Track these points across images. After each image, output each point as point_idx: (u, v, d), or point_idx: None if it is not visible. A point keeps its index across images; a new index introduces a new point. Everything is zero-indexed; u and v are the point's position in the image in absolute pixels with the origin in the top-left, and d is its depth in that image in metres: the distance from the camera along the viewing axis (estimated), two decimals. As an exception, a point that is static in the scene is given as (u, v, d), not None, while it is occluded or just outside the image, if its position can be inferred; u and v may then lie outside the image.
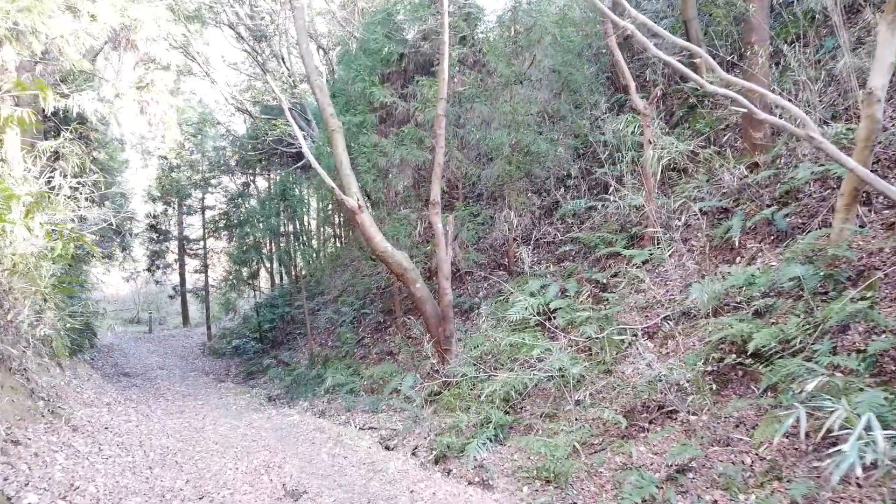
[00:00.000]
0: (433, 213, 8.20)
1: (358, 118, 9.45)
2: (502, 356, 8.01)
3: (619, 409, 6.05)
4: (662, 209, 8.18)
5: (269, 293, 20.97)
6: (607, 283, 8.29)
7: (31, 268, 5.77)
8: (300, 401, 10.93)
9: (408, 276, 8.54)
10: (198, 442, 7.07)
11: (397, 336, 11.21)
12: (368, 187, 9.17)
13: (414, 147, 8.86)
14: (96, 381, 10.24)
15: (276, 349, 16.76)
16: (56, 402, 5.57)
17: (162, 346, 21.53)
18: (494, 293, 10.21)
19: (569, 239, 9.66)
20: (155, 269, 25.35)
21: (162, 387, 13.10)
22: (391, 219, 9.42)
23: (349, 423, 8.75)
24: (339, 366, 11.57)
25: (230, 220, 20.31)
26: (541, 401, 7.00)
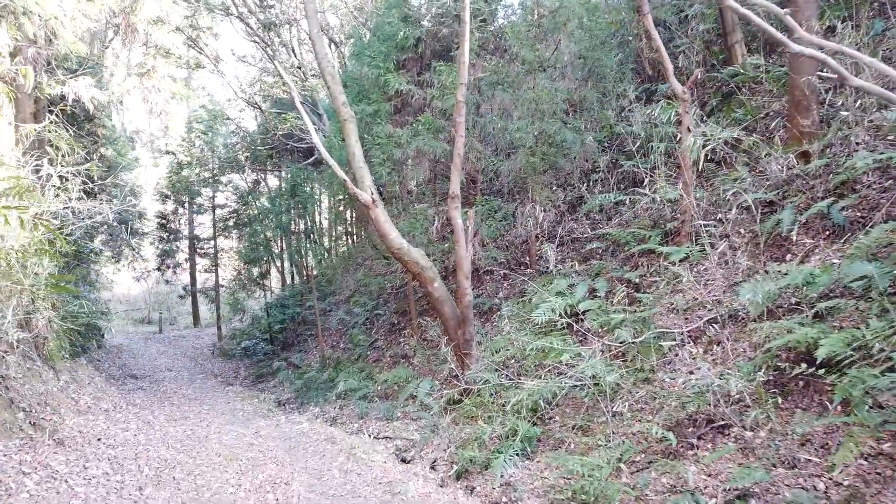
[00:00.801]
0: (452, 207, 7.64)
1: (372, 107, 8.90)
2: (527, 361, 7.43)
3: (662, 422, 5.44)
4: (701, 202, 7.55)
5: (280, 293, 20.50)
6: (640, 282, 7.69)
7: (14, 264, 5.28)
8: (311, 406, 10.40)
9: (425, 275, 7.98)
10: (200, 453, 6.55)
11: (412, 339, 10.65)
12: (383, 181, 8.62)
13: (431, 137, 8.29)
14: (98, 385, 9.76)
15: (287, 351, 16.27)
16: (41, 413, 5.06)
17: (171, 347, 21.13)
18: (516, 293, 9.63)
19: (596, 236, 9.05)
20: (165, 269, 24.94)
21: (168, 390, 12.63)
22: (407, 214, 8.86)
23: (362, 432, 8.21)
24: (352, 369, 11.04)
25: (240, 218, 19.87)
26: (571, 411, 6.41)
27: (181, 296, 26.89)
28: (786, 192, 6.97)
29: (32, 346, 6.42)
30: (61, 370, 8.34)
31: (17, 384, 4.98)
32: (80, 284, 15.08)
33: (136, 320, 30.47)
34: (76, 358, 10.81)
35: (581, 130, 8.62)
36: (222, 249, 23.58)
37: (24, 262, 5.37)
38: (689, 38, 10.37)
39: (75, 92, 7.07)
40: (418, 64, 9.48)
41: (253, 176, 21.71)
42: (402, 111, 9.40)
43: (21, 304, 5.74)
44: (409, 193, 9.13)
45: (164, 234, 24.96)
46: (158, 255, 25.09)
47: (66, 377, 7.82)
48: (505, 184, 9.37)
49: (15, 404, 4.63)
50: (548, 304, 7.61)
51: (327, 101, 17.02)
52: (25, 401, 4.92)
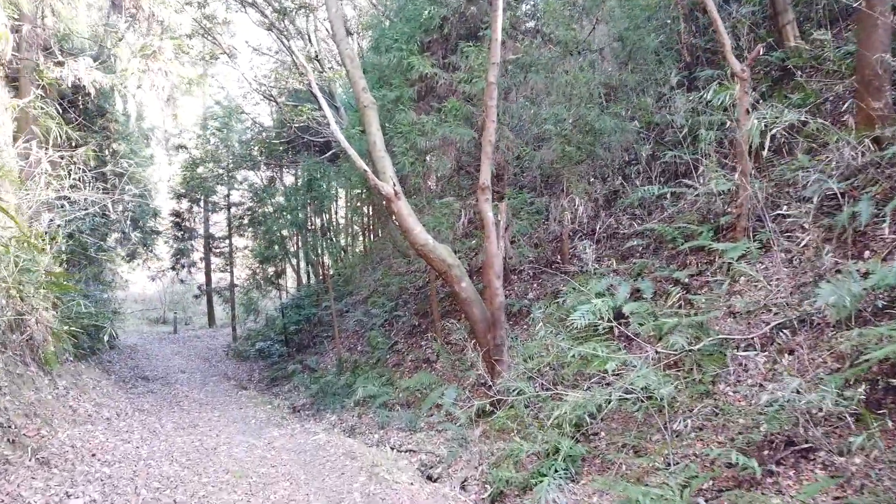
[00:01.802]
0: (482, 199, 6.97)
1: (393, 93, 8.27)
2: (566, 370, 6.75)
3: (731, 443, 4.74)
4: (760, 194, 6.82)
5: (296, 293, 19.96)
6: (690, 282, 6.97)
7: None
8: (327, 413, 9.79)
9: (451, 274, 7.32)
10: (207, 469, 5.95)
11: (435, 342, 10.00)
12: (405, 172, 7.99)
13: (458, 124, 7.63)
14: (104, 389, 9.23)
15: (302, 353, 15.70)
16: (24, 428, 4.48)
17: (186, 348, 20.70)
18: (548, 294, 8.94)
19: (637, 232, 8.34)
20: (180, 268, 24.57)
21: (180, 393, 12.10)
22: (431, 208, 8.21)
23: (383, 444, 7.58)
24: (371, 374, 10.41)
25: (255, 215, 19.35)
26: (620, 427, 5.72)
27: (196, 295, 26.51)
28: (859, 181, 6.22)
29: (26, 350, 5.88)
30: (62, 374, 7.79)
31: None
32: (90, 283, 14.64)
33: (151, 320, 30.18)
34: (83, 360, 10.29)
35: (621, 117, 7.90)
36: (237, 248, 23.11)
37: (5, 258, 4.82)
38: (732, 20, 9.61)
39: (75, 75, 6.53)
40: (444, 46, 8.82)
41: (268, 173, 21.21)
42: (427, 97, 8.76)
43: (10, 304, 5.19)
44: (437, 180, 8.48)
45: (179, 233, 24.59)
46: (173, 254, 24.73)
47: (66, 382, 7.27)
48: (536, 175, 8.68)
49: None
50: (588, 306, 6.91)
51: (345, 96, 16.43)
52: (4, 414, 4.33)
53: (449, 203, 8.10)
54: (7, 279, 4.78)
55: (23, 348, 5.78)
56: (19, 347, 5.67)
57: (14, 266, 4.99)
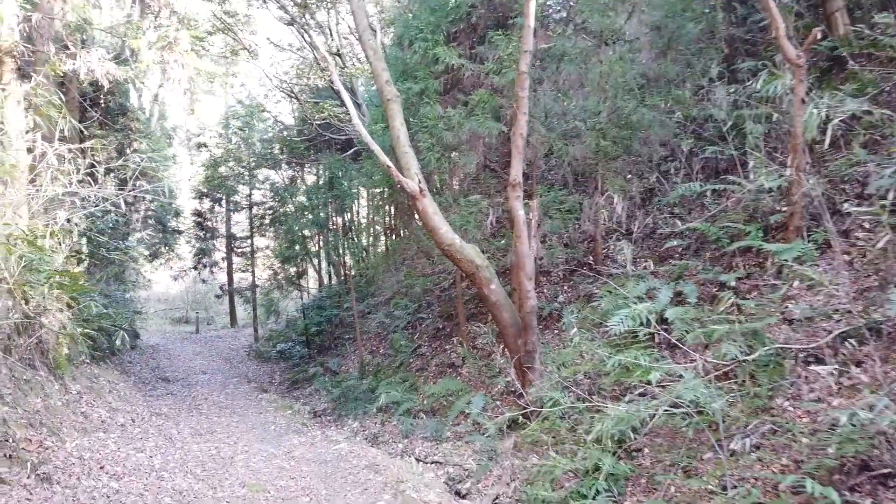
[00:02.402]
0: (513, 196, 6.56)
1: (418, 86, 7.89)
2: (604, 379, 6.30)
3: (794, 465, 4.27)
4: (816, 190, 6.30)
5: (317, 294, 19.70)
6: (737, 286, 6.48)
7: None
8: (349, 419, 9.44)
9: (480, 276, 6.92)
10: (223, 481, 5.62)
11: (461, 346, 9.59)
12: (431, 168, 7.60)
13: (486, 117, 7.23)
14: (120, 393, 8.99)
15: (323, 355, 15.40)
16: (22, 441, 4.16)
17: (207, 348, 20.59)
18: (580, 297, 8.49)
19: (676, 231, 7.86)
20: (201, 268, 24.48)
21: (199, 396, 11.86)
22: (457, 206, 7.81)
23: (408, 454, 7.20)
24: (393, 379, 10.05)
25: (276, 215, 19.15)
26: (666, 444, 5.28)
27: (218, 295, 26.44)
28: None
29: (35, 354, 5.62)
30: (78, 378, 7.55)
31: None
32: (111, 283, 14.51)
33: (174, 320, 30.22)
34: (101, 362, 10.08)
35: (660, 110, 7.43)
36: (259, 248, 22.96)
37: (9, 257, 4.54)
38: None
39: (88, 67, 6.26)
40: (471, 36, 8.43)
41: (289, 172, 21.01)
42: (453, 90, 8.37)
43: (16, 306, 4.92)
44: (464, 177, 8.09)
45: (201, 233, 24.53)
46: (195, 253, 24.68)
47: (80, 386, 7.01)
48: (568, 172, 8.23)
49: (-14, 434, 3.77)
50: (626, 310, 6.45)
51: (367, 94, 16.10)
52: (2, 427, 4.03)
53: (476, 201, 7.70)
54: (8, 279, 4.50)
55: (31, 352, 5.52)
56: (27, 351, 5.41)
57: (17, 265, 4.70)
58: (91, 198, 6.00)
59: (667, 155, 8.95)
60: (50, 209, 6.41)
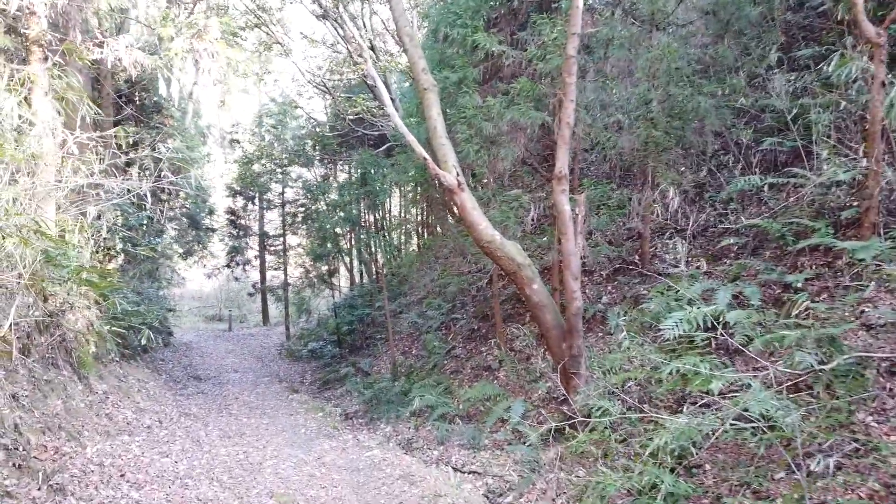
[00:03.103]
0: (559, 190, 6.12)
1: (456, 75, 7.50)
2: (658, 388, 5.82)
3: (887, 491, 3.76)
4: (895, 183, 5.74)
5: (349, 293, 19.46)
6: (805, 288, 5.94)
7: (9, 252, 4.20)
8: (381, 423, 9.10)
9: (522, 275, 6.50)
10: (249, 490, 5.32)
11: (498, 348, 9.18)
12: (469, 161, 7.20)
13: (529, 107, 6.80)
14: (150, 392, 8.80)
15: (355, 355, 15.13)
16: (34, 449, 3.89)
17: (240, 346, 20.55)
18: (626, 299, 8.00)
19: (732, 228, 7.33)
20: (234, 266, 24.52)
21: (230, 395, 11.68)
22: (497, 201, 7.39)
23: (443, 463, 6.82)
24: (427, 381, 9.67)
25: (308, 212, 18.97)
26: (731, 461, 4.79)
27: (251, 293, 26.49)
28: None
29: (58, 353, 5.41)
30: (106, 377, 7.36)
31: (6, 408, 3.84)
32: (144, 280, 14.46)
33: (207, 317, 30.42)
34: (131, 360, 9.94)
35: (718, 97, 6.89)
36: (291, 246, 22.87)
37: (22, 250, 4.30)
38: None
39: (116, 55, 6.03)
40: (512, 21, 8.00)
41: (322, 170, 20.85)
42: (493, 78, 7.95)
43: (36, 303, 4.70)
44: (500, 176, 7.67)
45: (234, 231, 24.56)
46: (228, 251, 24.73)
47: (106, 386, 6.81)
48: (615, 165, 7.73)
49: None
50: (681, 313, 5.96)
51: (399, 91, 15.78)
52: (11, 434, 3.75)
53: (517, 195, 7.28)
54: (24, 275, 4.26)
55: (55, 351, 5.30)
56: (49, 350, 5.20)
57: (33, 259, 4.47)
58: (115, 189, 5.77)
59: (718, 147, 8.41)
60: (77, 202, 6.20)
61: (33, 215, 4.69)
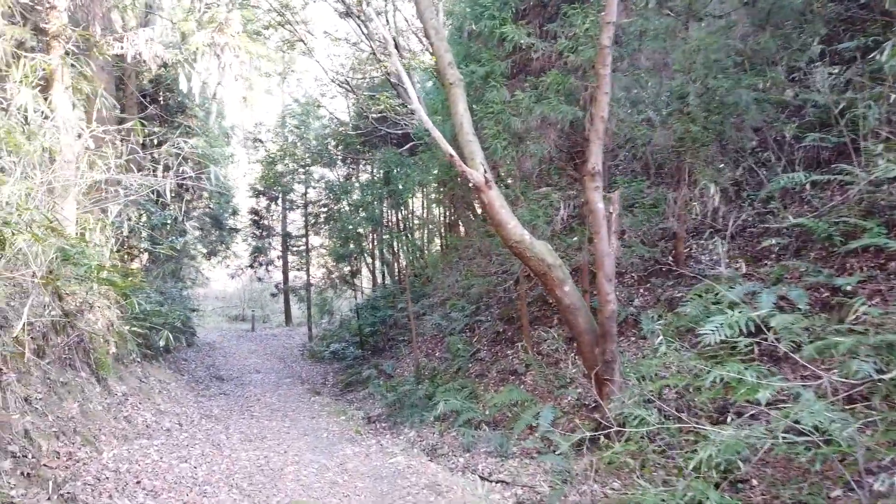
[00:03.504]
0: (591, 187, 5.84)
1: (483, 69, 7.25)
2: (698, 396, 5.52)
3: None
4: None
5: (371, 294, 19.31)
6: (856, 291, 5.59)
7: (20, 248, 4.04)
8: (405, 427, 8.89)
9: (552, 276, 6.23)
10: (269, 498, 5.13)
11: (525, 352, 8.90)
12: (497, 157, 6.95)
13: (560, 101, 6.53)
14: (171, 393, 8.70)
15: (377, 357, 14.95)
16: (43, 456, 3.71)
17: (262, 346, 20.55)
18: (660, 302, 7.68)
19: (773, 228, 6.98)
20: (257, 266, 24.56)
21: (252, 396, 11.57)
22: (525, 199, 7.14)
23: (470, 471, 6.57)
24: (452, 385, 9.44)
25: (331, 213, 18.87)
26: (780, 475, 4.47)
27: (273, 294, 26.53)
28: None
29: (75, 354, 5.28)
30: (126, 378, 7.25)
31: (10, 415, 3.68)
32: (167, 280, 14.45)
33: (230, 317, 30.57)
34: (153, 361, 9.86)
35: (758, 90, 6.55)
36: (313, 247, 22.83)
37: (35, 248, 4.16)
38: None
39: (135, 49, 5.91)
40: (542, 13, 7.73)
41: (344, 170, 20.76)
42: (522, 73, 7.69)
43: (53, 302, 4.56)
44: (529, 174, 7.40)
45: (257, 231, 24.61)
46: (251, 252, 24.79)
47: (126, 387, 6.69)
48: (649, 161, 7.41)
49: (1, 448, 3.31)
50: (722, 317, 5.64)
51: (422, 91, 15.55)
52: (19, 440, 3.58)
53: (546, 193, 7.01)
54: (36, 273, 4.12)
55: (72, 352, 5.18)
56: (66, 351, 5.07)
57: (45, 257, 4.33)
58: (134, 185, 5.63)
59: (756, 143, 8.05)
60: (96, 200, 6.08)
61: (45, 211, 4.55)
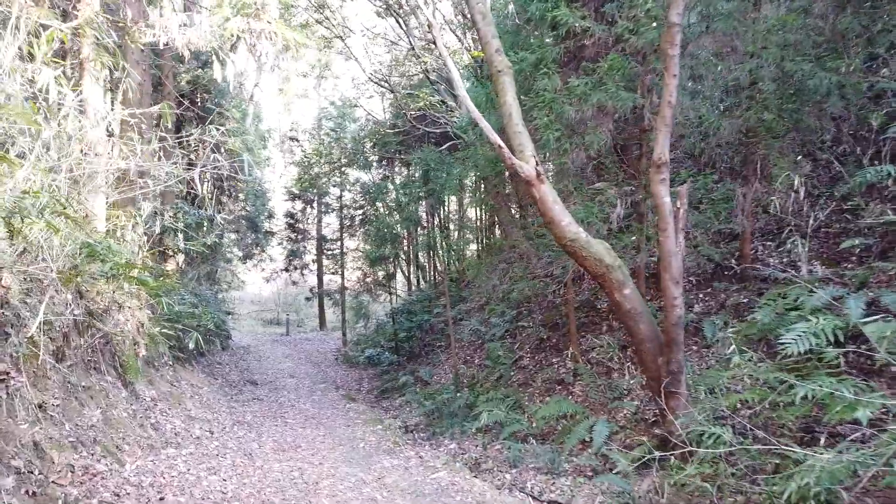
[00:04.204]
0: (657, 180, 5.30)
1: (533, 56, 6.76)
2: (778, 413, 4.90)
3: None
4: None
5: (407, 298, 18.91)
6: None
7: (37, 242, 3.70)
8: (445, 438, 8.41)
9: (611, 278, 5.68)
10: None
11: (574, 361, 8.35)
12: (549, 149, 6.44)
13: (619, 88, 5.99)
14: (203, 398, 8.39)
15: (413, 363, 14.52)
16: (52, 472, 3.32)
17: (297, 351, 20.35)
18: (727, 307, 7.06)
19: (852, 228, 6.32)
20: (292, 270, 24.47)
21: (286, 402, 11.25)
22: (579, 195, 6.60)
23: (517, 488, 6.05)
24: (494, 395, 8.91)
25: (367, 216, 18.56)
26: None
27: (308, 298, 26.41)
28: None
29: (100, 356, 4.95)
30: (156, 382, 6.94)
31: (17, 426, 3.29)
32: (201, 282, 14.30)
33: (265, 321, 30.60)
34: (186, 364, 9.59)
35: (841, 74, 5.91)
36: (348, 249, 22.62)
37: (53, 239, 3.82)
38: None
39: (168, 34, 5.60)
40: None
41: (380, 173, 20.50)
42: (575, 59, 7.17)
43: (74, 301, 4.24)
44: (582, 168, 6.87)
45: (293, 235, 24.54)
46: (286, 255, 24.74)
47: (155, 392, 6.37)
48: (713, 153, 6.79)
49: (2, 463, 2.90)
50: (805, 325, 5.02)
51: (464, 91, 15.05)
52: (24, 453, 3.16)
53: (602, 189, 6.47)
54: (52, 267, 3.77)
55: (96, 354, 4.85)
56: (90, 353, 4.75)
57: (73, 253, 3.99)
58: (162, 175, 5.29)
59: (833, 134, 7.37)
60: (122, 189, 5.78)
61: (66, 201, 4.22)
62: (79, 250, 4.29)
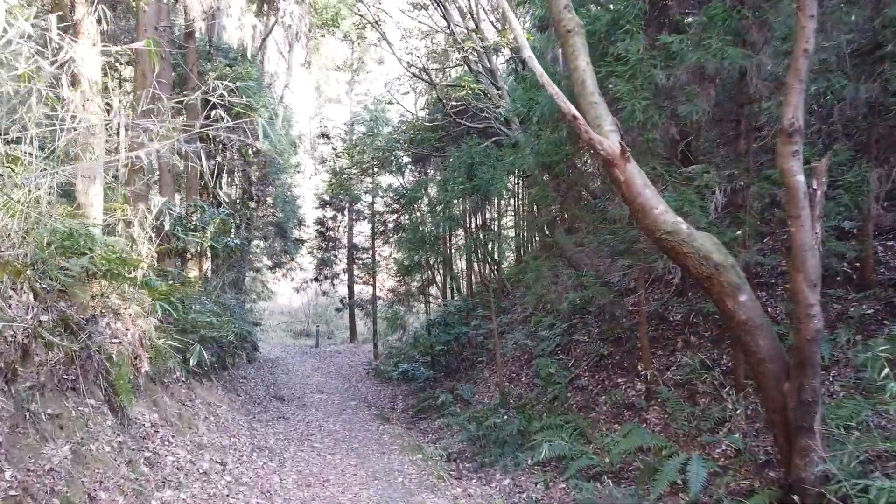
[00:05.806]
0: (787, 153, 4.08)
1: (608, 14, 5.59)
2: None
3: None
4: None
5: (442, 308, 17.75)
6: None
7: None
8: (496, 472, 7.20)
9: (722, 281, 4.44)
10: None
11: (651, 382, 7.10)
12: (633, 122, 5.25)
13: (725, 43, 4.77)
14: (220, 418, 7.36)
15: (451, 379, 13.33)
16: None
17: (326, 364, 19.37)
18: (851, 321, 5.75)
19: None
20: (323, 279, 23.53)
21: (313, 422, 10.18)
22: (671, 179, 5.40)
23: (596, 545, 4.83)
24: (551, 420, 7.68)
25: (400, 222, 17.49)
26: None
27: (338, 309, 25.42)
28: None
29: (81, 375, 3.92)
30: (162, 402, 5.91)
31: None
32: (226, 290, 13.38)
33: (294, 333, 29.75)
34: (204, 379, 8.59)
35: None
36: (382, 257, 21.63)
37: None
38: None
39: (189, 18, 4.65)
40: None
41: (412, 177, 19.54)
42: (662, 15, 5.99)
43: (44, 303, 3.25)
44: (674, 146, 5.67)
45: (323, 243, 23.65)
46: (316, 264, 23.87)
47: (157, 415, 5.33)
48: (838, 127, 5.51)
49: None
50: None
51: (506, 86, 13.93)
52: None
53: (701, 171, 5.25)
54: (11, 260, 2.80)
55: (76, 371, 3.81)
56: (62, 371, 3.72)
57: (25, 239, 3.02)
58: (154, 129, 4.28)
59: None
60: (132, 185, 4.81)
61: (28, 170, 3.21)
62: (48, 237, 3.30)
